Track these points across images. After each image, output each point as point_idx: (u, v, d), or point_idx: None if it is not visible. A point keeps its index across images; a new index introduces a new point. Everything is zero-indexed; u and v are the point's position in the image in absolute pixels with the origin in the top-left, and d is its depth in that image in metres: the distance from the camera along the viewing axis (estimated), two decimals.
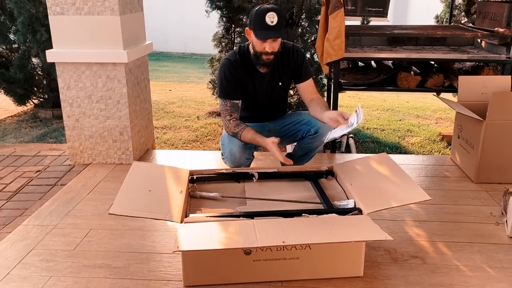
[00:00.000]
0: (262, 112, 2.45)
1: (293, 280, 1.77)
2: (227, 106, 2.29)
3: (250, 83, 2.32)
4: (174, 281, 1.79)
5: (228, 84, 2.28)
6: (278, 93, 2.41)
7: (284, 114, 2.52)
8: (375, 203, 1.83)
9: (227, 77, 2.28)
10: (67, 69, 2.87)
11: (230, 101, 2.29)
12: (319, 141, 2.36)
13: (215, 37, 4.43)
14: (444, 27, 3.71)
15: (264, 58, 2.22)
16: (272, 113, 2.49)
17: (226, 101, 2.30)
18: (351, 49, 3.36)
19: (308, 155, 2.43)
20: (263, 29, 2.14)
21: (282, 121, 2.47)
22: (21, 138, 4.06)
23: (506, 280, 1.79)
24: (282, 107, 2.52)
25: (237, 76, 2.28)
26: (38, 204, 2.52)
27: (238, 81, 2.29)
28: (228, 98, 2.30)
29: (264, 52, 2.20)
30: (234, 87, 2.29)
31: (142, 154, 3.21)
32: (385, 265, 1.89)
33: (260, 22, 2.13)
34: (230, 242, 1.54)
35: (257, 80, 2.32)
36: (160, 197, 1.89)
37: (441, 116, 4.79)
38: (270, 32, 2.15)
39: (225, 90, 2.30)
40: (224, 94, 2.31)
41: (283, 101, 2.52)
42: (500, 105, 2.53)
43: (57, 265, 1.91)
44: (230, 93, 2.30)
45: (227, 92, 2.30)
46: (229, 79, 2.28)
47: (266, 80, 2.35)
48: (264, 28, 2.14)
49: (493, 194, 2.53)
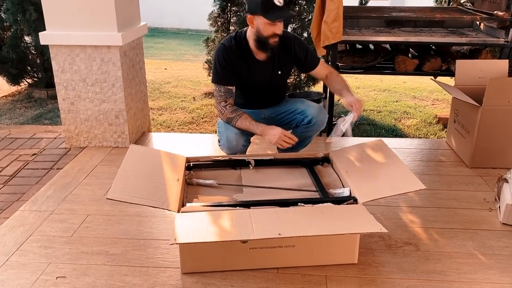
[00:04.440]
0: (259, 99, 2.44)
1: (288, 267, 1.80)
2: (221, 92, 2.27)
3: (245, 70, 2.30)
4: (171, 268, 1.82)
5: (222, 70, 2.26)
6: (276, 81, 2.40)
7: (281, 101, 2.51)
8: (371, 192, 1.85)
9: (221, 62, 2.25)
10: (61, 52, 2.83)
11: (224, 86, 2.27)
12: (312, 131, 2.38)
13: (211, 16, 4.36)
14: (443, 9, 3.67)
15: (272, 41, 2.18)
16: (269, 100, 2.47)
17: (220, 86, 2.28)
18: (349, 31, 3.32)
19: (303, 143, 2.43)
20: (274, 10, 2.10)
21: (278, 109, 2.46)
22: (16, 119, 4.03)
23: (497, 267, 1.83)
24: (279, 95, 2.51)
25: (232, 62, 2.26)
26: (34, 189, 2.53)
27: (233, 67, 2.27)
28: (222, 84, 2.27)
29: (272, 35, 2.16)
30: (228, 72, 2.27)
31: (138, 137, 3.20)
32: (379, 252, 1.92)
33: (269, 4, 2.09)
34: (226, 234, 1.56)
35: (254, 67, 2.30)
36: (157, 184, 1.90)
37: (437, 97, 4.78)
38: (282, 12, 2.13)
39: (219, 75, 2.28)
40: (218, 79, 2.28)
41: (281, 89, 2.51)
42: (496, 90, 2.52)
43: (55, 251, 1.93)
44: (224, 78, 2.27)
45: (221, 77, 2.27)
46: (223, 64, 2.25)
47: (264, 68, 2.33)
48: (275, 9, 2.10)
49: (487, 180, 2.56)
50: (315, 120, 2.33)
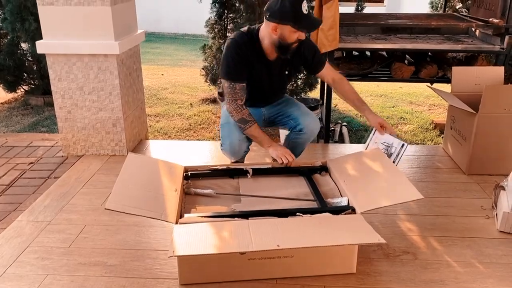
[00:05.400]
0: (262, 97, 2.43)
1: (287, 277, 1.80)
2: (235, 89, 2.22)
3: (255, 68, 2.26)
4: (169, 279, 1.81)
5: (236, 66, 2.21)
6: (282, 81, 2.41)
7: (281, 98, 2.53)
8: (369, 202, 1.85)
9: (235, 58, 2.19)
10: (58, 61, 2.83)
11: (238, 84, 2.22)
12: (303, 139, 2.40)
13: (208, 23, 4.37)
14: (438, 16, 3.69)
15: (294, 46, 2.17)
16: (271, 98, 2.48)
17: (234, 84, 2.22)
18: (345, 38, 3.34)
19: (296, 150, 2.42)
20: (305, 19, 2.09)
21: (276, 109, 2.48)
22: (12, 126, 4.02)
23: (495, 276, 1.84)
24: (282, 93, 2.53)
25: (246, 58, 2.21)
26: (32, 198, 2.52)
27: (246, 63, 2.23)
28: (236, 81, 2.22)
29: (296, 41, 2.15)
30: (242, 69, 2.22)
31: (135, 145, 3.20)
32: (377, 261, 1.92)
33: (299, 13, 2.07)
34: (225, 245, 1.55)
35: (264, 66, 2.28)
36: (155, 194, 1.90)
37: (434, 102, 4.80)
38: (311, 20, 2.14)
39: (232, 72, 2.22)
40: (232, 76, 2.22)
41: (284, 87, 2.54)
42: (492, 98, 2.54)
43: (53, 263, 1.93)
44: (238, 75, 2.22)
45: (235, 74, 2.22)
46: (237, 60, 2.20)
47: (274, 67, 2.30)
48: (305, 18, 2.09)
49: (484, 186, 2.57)
50: (305, 130, 2.35)
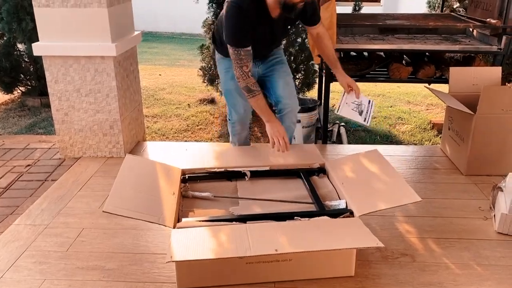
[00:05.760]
0: (261, 51, 2.45)
1: (285, 280, 1.80)
2: (241, 55, 2.22)
3: (259, 28, 2.27)
4: (168, 283, 1.81)
5: (240, 33, 2.21)
6: (283, 35, 2.47)
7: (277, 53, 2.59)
8: (367, 205, 1.85)
9: (238, 25, 2.20)
10: (55, 63, 2.82)
11: (244, 49, 2.23)
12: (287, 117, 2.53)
13: (205, 23, 4.35)
14: (436, 16, 3.68)
15: (300, 5, 2.19)
16: (269, 49, 2.52)
17: (240, 49, 2.23)
18: (342, 38, 3.33)
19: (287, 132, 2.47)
20: None
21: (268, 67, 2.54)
22: (9, 128, 4.01)
23: (493, 278, 1.84)
24: (280, 43, 2.62)
25: (250, 23, 2.21)
26: (29, 202, 2.51)
27: (250, 28, 2.23)
28: (241, 47, 2.22)
29: (301, 1, 2.16)
30: (246, 34, 2.22)
31: (133, 146, 3.19)
32: (376, 264, 1.92)
33: None
34: (223, 250, 1.55)
35: (268, 25, 2.29)
36: (153, 197, 1.89)
37: (431, 102, 4.81)
38: None
39: (237, 38, 2.22)
40: (237, 42, 2.22)
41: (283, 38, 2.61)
42: (490, 98, 2.54)
43: (50, 267, 1.92)
44: (243, 41, 2.22)
45: (240, 40, 2.22)
46: (241, 27, 2.20)
47: (277, 24, 2.32)
48: None
49: (482, 187, 2.57)
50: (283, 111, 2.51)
